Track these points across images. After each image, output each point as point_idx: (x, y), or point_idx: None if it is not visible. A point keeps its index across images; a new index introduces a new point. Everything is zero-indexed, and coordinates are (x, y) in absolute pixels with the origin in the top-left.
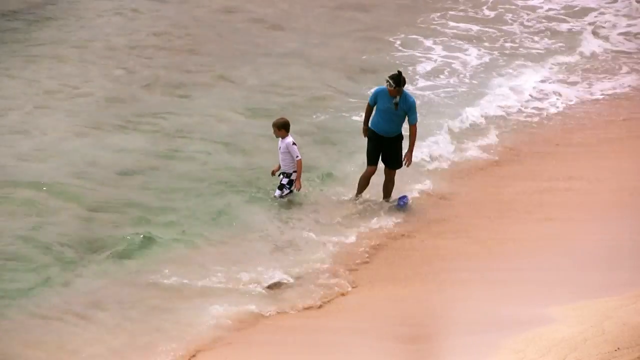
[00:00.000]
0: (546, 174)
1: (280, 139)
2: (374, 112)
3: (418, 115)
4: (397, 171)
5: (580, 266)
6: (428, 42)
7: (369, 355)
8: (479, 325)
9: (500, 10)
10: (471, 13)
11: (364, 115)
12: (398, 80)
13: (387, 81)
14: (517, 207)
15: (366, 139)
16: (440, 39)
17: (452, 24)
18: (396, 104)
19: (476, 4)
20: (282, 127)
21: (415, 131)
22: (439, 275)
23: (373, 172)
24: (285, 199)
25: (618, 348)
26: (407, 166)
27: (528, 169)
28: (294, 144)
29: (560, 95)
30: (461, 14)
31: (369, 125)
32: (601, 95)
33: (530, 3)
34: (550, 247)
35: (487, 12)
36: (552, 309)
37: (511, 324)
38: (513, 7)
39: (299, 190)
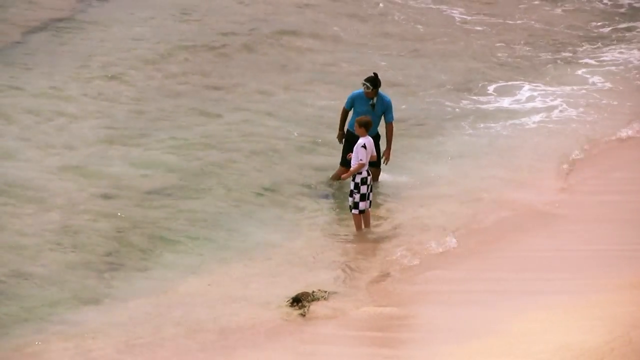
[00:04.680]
0: None
1: None
2: (350, 116)
3: (394, 113)
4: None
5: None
6: None
7: None
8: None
9: None
10: None
11: (339, 120)
12: (374, 82)
13: (364, 84)
14: None
15: (341, 144)
16: None
17: None
18: (373, 105)
19: None
20: (361, 126)
21: (393, 129)
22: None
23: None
24: (354, 209)
25: None
26: (386, 164)
27: None
28: (363, 146)
29: None
30: None
31: (349, 127)
32: None
33: None
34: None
35: None
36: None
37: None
38: None
39: (334, 178)
